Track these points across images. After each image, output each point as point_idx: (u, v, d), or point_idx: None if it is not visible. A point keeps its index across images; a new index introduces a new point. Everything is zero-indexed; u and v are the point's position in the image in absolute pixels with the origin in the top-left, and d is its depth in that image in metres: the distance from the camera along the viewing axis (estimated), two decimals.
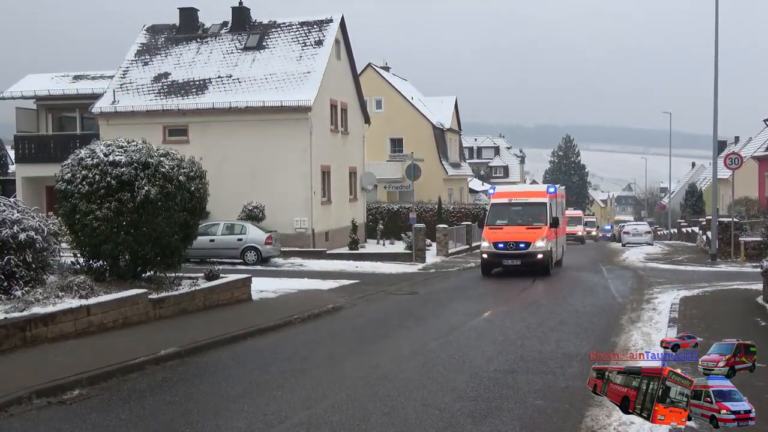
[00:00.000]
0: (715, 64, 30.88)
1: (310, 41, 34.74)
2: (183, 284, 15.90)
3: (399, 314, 16.27)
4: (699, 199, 64.93)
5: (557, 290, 20.73)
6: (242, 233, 28.43)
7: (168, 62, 35.29)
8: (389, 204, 45.09)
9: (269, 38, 35.40)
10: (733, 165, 31.77)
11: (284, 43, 34.97)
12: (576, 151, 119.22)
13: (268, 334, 13.57)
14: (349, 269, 26.73)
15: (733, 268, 26.95)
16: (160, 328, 13.34)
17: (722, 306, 16.03)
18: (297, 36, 35.16)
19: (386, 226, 39.97)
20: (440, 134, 55.66)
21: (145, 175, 14.81)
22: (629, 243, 46.78)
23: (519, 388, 9.45)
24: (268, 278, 21.78)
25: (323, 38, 34.81)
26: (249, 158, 32.21)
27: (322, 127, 33.80)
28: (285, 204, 31.76)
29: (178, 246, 15.72)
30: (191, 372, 10.60)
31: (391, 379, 10.03)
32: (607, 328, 14.12)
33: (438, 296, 19.83)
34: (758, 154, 52.89)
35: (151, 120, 32.77)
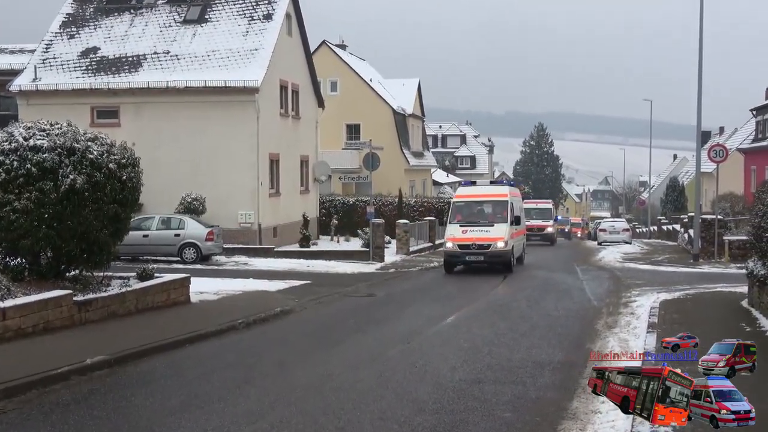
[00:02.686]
0: (700, 46, 31.44)
1: (258, 15, 34.51)
2: (113, 285, 15.74)
3: (355, 318, 16.30)
4: (681, 195, 66.14)
5: (528, 293, 20.96)
6: (180, 228, 28.17)
7: (97, 35, 34.74)
8: (345, 197, 45.07)
9: (212, 10, 35.07)
10: (717, 158, 32.44)
11: (229, 16, 34.67)
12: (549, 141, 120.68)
13: (210, 340, 13.49)
14: (300, 269, 26.68)
15: (717, 269, 27.52)
16: (87, 334, 13.18)
17: (705, 310, 16.37)
18: (243, 9, 34.89)
19: (341, 222, 39.95)
20: (401, 120, 55.79)
21: (70, 162, 14.60)
22: (605, 241, 47.49)
23: (486, 399, 9.53)
24: (210, 278, 21.65)
25: (273, 12, 34.60)
26: (188, 144, 31.89)
27: (271, 110, 33.61)
28: (228, 196, 31.54)
29: (108, 242, 15.54)
30: (122, 383, 10.48)
31: (345, 389, 10.04)
32: (582, 333, 14.33)
33: (398, 298, 19.92)
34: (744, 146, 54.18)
35: (78, 100, 32.26)
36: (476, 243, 25.65)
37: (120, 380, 10.60)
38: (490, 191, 29.04)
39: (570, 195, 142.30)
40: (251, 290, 19.89)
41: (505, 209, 26.92)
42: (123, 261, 23.91)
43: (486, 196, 28.20)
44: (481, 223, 26.64)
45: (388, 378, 10.69)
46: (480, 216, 27.34)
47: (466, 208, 27.63)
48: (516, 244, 27.35)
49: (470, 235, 25.83)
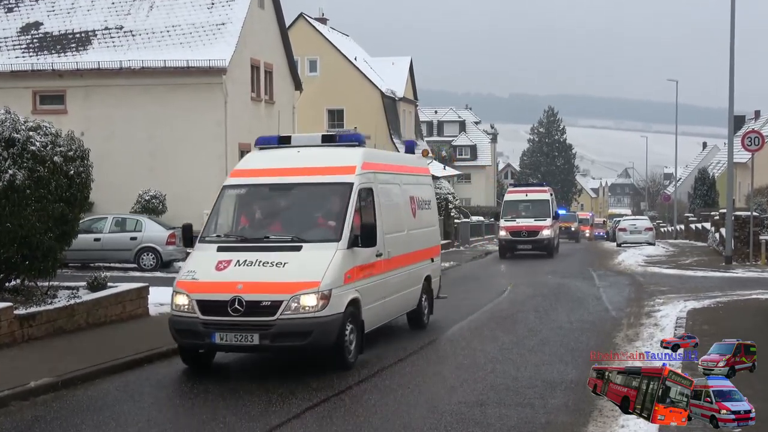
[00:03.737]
0: (732, 17, 31.40)
1: None
2: (60, 296, 15.67)
3: None
4: (711, 188, 66.39)
5: (537, 301, 21.00)
6: (137, 230, 28.08)
7: (39, 8, 34.64)
8: None
9: None
10: (752, 146, 32.51)
11: None
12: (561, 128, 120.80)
13: (171, 359, 13.44)
14: None
15: (752, 273, 27.65)
16: (30, 353, 13.11)
17: (739, 320, 16.43)
18: None
19: None
20: (391, 104, 55.84)
21: (9, 155, 14.54)
22: (626, 242, 47.61)
23: (489, 424, 9.55)
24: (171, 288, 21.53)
25: None
26: (146, 134, 31.83)
27: (241, 94, 33.57)
28: (193, 193, 31.46)
29: (53, 246, 15.48)
30: (70, 409, 10.45)
31: (327, 412, 10.04)
32: (599, 348, 14.35)
33: None
34: None
35: (17, 83, 32.18)
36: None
37: (68, 406, 10.55)
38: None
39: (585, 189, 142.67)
40: None
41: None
42: (71, 268, 23.83)
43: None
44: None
45: (375, 400, 10.70)
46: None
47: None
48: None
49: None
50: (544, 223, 36.14)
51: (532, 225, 36.05)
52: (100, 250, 27.44)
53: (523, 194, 39.31)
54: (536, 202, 37.63)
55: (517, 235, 35.92)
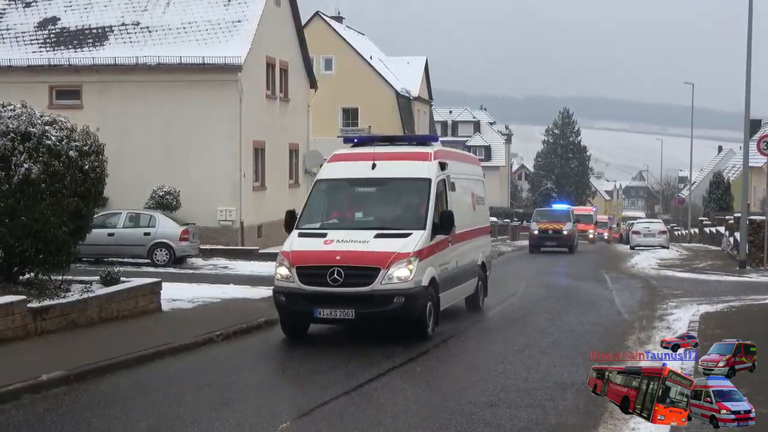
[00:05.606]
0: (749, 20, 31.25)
1: None
2: (73, 290, 15.74)
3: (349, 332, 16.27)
4: (726, 192, 66.11)
5: (549, 304, 20.97)
6: (150, 226, 28.18)
7: (57, 4, 34.76)
8: None
9: None
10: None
11: None
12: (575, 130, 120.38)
13: (182, 355, 13.49)
14: None
15: (766, 278, 27.51)
16: (43, 346, 13.17)
17: (753, 325, 16.36)
18: None
19: None
20: (406, 104, 55.82)
21: (24, 149, 14.61)
22: (639, 245, 47.53)
23: (499, 425, 9.54)
24: (184, 283, 21.62)
25: None
26: (160, 130, 31.90)
27: (256, 92, 33.62)
28: (206, 190, 31.55)
29: (67, 241, 15.55)
30: (82, 403, 10.48)
31: (339, 413, 10.04)
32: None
33: None
34: None
35: (34, 78, 32.28)
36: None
37: (79, 400, 10.59)
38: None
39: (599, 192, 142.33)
40: (231, 298, 19.86)
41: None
42: (85, 263, 23.90)
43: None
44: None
45: (386, 401, 10.70)
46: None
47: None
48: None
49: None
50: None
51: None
52: (113, 245, 27.54)
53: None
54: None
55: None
